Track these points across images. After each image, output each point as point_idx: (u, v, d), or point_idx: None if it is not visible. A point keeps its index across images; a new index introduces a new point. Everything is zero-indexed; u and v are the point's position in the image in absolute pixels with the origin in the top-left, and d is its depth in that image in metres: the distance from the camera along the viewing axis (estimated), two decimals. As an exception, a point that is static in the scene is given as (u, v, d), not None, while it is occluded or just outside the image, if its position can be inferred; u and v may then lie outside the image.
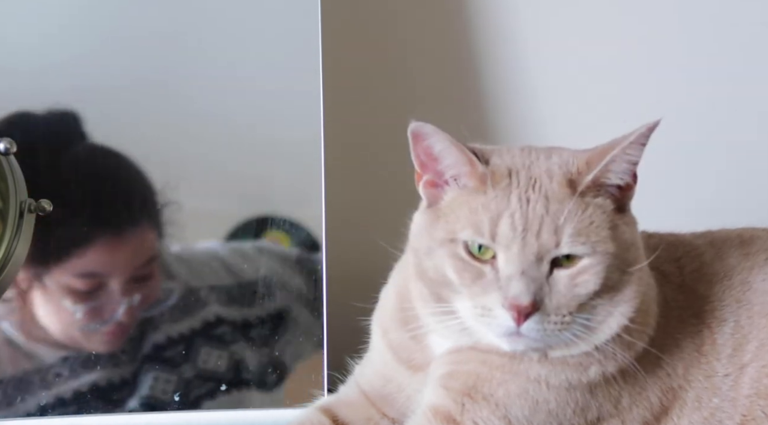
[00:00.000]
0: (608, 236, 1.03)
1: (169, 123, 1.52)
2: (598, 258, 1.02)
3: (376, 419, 1.19)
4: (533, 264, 1.01)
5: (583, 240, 1.02)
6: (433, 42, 1.71)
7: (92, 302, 1.42)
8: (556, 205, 1.02)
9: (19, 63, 1.50)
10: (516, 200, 1.03)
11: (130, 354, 1.42)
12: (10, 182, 1.38)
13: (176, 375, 1.41)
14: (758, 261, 1.17)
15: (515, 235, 1.01)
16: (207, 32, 1.53)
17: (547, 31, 1.72)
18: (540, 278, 1.01)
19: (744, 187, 1.71)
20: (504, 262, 1.02)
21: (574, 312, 1.02)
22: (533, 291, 1.00)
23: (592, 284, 1.02)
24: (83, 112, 1.48)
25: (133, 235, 1.47)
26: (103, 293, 1.43)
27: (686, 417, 1.10)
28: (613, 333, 1.05)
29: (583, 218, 1.03)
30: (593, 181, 1.04)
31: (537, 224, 1.02)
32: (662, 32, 1.72)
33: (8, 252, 1.37)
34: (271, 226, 1.52)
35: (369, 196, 1.69)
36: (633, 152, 1.04)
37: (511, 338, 1.03)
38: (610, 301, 1.04)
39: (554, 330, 1.02)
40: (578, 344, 1.04)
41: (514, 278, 1.01)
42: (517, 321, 1.00)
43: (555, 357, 1.06)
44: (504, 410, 1.06)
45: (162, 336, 1.43)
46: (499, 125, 1.70)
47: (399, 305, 1.15)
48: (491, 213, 1.03)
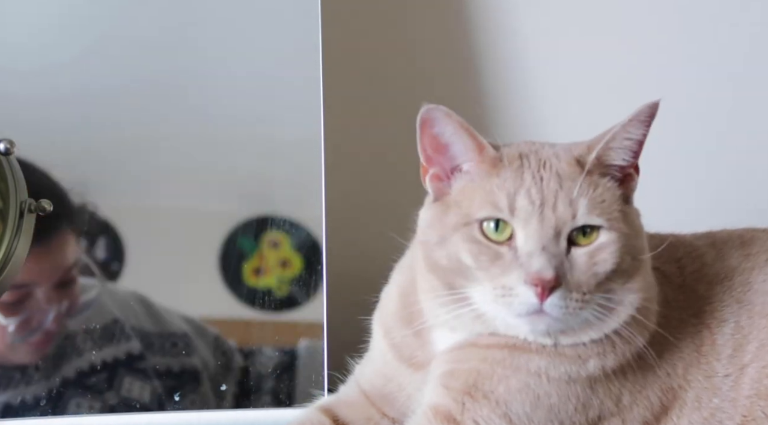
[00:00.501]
0: (620, 216, 1.05)
1: (169, 123, 1.52)
2: (614, 236, 1.04)
3: (377, 419, 1.19)
4: (552, 240, 1.02)
5: (598, 212, 1.04)
6: (434, 42, 1.71)
7: (22, 313, 1.41)
8: (568, 182, 1.04)
9: (17, 63, 1.50)
10: (530, 177, 1.05)
11: (46, 371, 1.41)
12: (10, 182, 1.38)
13: (99, 402, 1.41)
14: (759, 262, 1.17)
15: (534, 209, 1.03)
16: (206, 32, 1.53)
17: (548, 31, 1.72)
18: (560, 254, 1.03)
19: (744, 187, 1.71)
20: (524, 239, 1.03)
21: (593, 291, 1.03)
22: (555, 265, 1.01)
23: (610, 263, 1.04)
24: (83, 110, 1.49)
25: (56, 241, 1.45)
26: (31, 303, 1.41)
27: (686, 417, 1.10)
28: (623, 320, 1.06)
29: (595, 195, 1.05)
30: (598, 159, 1.06)
31: (553, 198, 1.03)
32: (662, 32, 1.72)
33: (8, 252, 1.37)
34: (271, 226, 1.52)
35: (369, 196, 1.69)
36: (633, 129, 1.06)
37: (532, 317, 1.03)
38: (623, 286, 1.05)
39: (575, 308, 1.02)
40: (592, 328, 1.05)
41: (536, 254, 1.02)
42: (541, 296, 1.01)
43: (563, 345, 1.06)
44: (504, 407, 1.06)
45: (85, 362, 1.42)
46: (499, 125, 1.70)
47: (402, 304, 1.16)
48: (507, 191, 1.05)
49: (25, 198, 1.40)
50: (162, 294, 1.50)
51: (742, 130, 1.72)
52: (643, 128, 1.06)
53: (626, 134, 1.06)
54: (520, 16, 1.71)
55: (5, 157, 1.39)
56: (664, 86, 1.69)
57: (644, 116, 1.05)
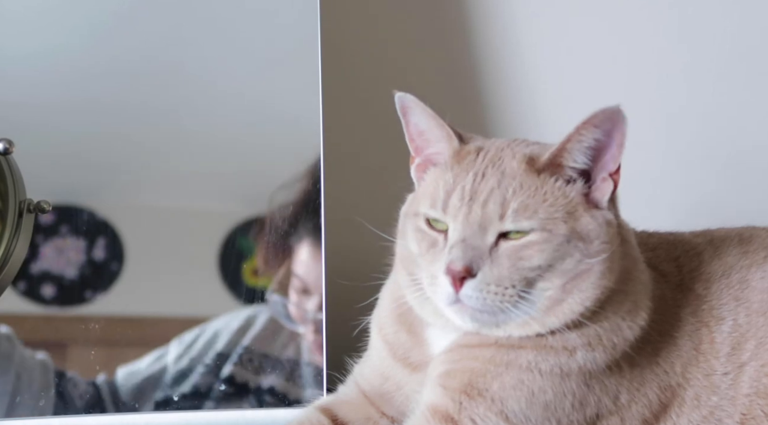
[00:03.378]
0: (561, 218, 1.05)
1: (169, 123, 1.52)
2: (545, 236, 1.04)
3: (375, 418, 1.19)
4: (476, 233, 1.04)
5: (529, 215, 1.04)
6: (433, 42, 1.71)
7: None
8: (509, 180, 1.06)
9: (16, 64, 1.50)
10: (472, 174, 1.07)
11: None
12: (9, 182, 1.39)
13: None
14: (757, 259, 1.17)
15: (461, 204, 1.05)
16: (206, 33, 1.53)
17: (547, 31, 1.72)
18: (482, 247, 1.04)
19: (744, 187, 1.70)
20: (451, 231, 1.06)
21: (517, 286, 1.04)
22: (469, 257, 1.03)
23: (536, 260, 1.04)
24: (83, 110, 1.49)
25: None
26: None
27: (685, 416, 1.10)
28: (567, 319, 1.06)
29: (535, 195, 1.05)
30: (551, 159, 1.06)
31: (485, 195, 1.05)
32: (663, 32, 1.72)
33: (8, 252, 1.37)
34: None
35: (368, 195, 1.68)
36: (586, 133, 1.05)
37: (455, 307, 1.05)
38: (562, 287, 1.05)
39: (495, 301, 1.03)
40: (529, 323, 1.05)
41: (455, 246, 1.04)
42: (454, 285, 1.03)
43: (516, 336, 1.06)
44: (500, 405, 1.06)
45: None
46: (499, 124, 1.70)
47: (394, 301, 1.17)
48: (448, 187, 1.07)
49: (24, 198, 1.40)
50: (161, 294, 1.50)
51: (742, 130, 1.72)
52: (597, 132, 1.05)
53: (579, 136, 1.05)
54: (520, 16, 1.71)
55: (4, 157, 1.39)
56: (664, 86, 1.70)
57: (597, 120, 1.04)
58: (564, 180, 1.07)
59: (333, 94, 1.50)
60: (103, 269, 1.49)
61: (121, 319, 1.49)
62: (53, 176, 1.49)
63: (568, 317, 1.06)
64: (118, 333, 1.48)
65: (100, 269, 1.49)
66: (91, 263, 1.49)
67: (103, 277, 1.49)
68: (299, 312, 1.49)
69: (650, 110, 1.65)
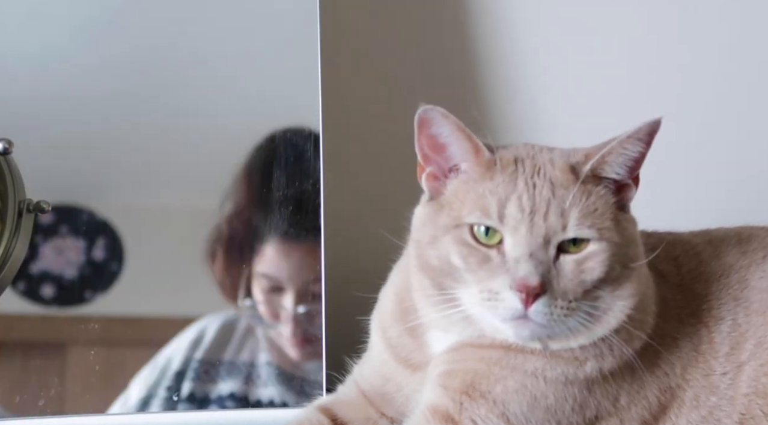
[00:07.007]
0: (612, 225, 1.05)
1: (169, 123, 1.52)
2: (604, 245, 1.04)
3: (375, 418, 1.19)
4: (541, 247, 1.02)
5: (589, 224, 1.03)
6: (433, 42, 1.71)
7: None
8: (561, 190, 1.04)
9: (15, 64, 1.50)
10: (523, 184, 1.04)
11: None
12: (8, 181, 1.39)
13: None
14: (756, 259, 1.16)
15: (523, 216, 1.03)
16: (205, 31, 1.53)
17: (548, 32, 1.72)
18: (547, 261, 1.02)
19: (744, 187, 1.70)
20: (512, 245, 1.03)
21: (579, 299, 1.03)
22: (541, 272, 1.01)
23: (598, 272, 1.03)
24: (82, 110, 1.49)
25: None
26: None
27: (684, 416, 1.10)
28: (611, 328, 1.05)
29: (588, 204, 1.04)
30: (592, 170, 1.05)
31: (544, 207, 1.03)
32: (663, 32, 1.72)
33: (7, 252, 1.37)
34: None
35: (369, 195, 1.69)
36: (630, 147, 1.05)
37: (517, 322, 1.03)
38: (611, 294, 1.05)
39: (560, 316, 1.02)
40: (579, 335, 1.05)
41: (522, 260, 1.02)
42: (525, 302, 1.01)
43: (554, 349, 1.06)
44: (502, 407, 1.06)
45: None
46: (499, 124, 1.70)
47: (398, 304, 1.16)
48: (499, 196, 1.04)
49: (24, 198, 1.40)
50: (161, 294, 1.50)
51: (742, 130, 1.72)
52: (640, 145, 1.05)
53: (623, 150, 1.05)
54: (520, 16, 1.71)
55: (4, 157, 1.39)
56: (664, 86, 1.70)
57: (642, 133, 1.05)
58: (604, 186, 1.07)
59: (332, 94, 1.50)
60: (103, 269, 1.49)
61: (120, 319, 1.49)
62: (53, 176, 1.49)
63: (612, 325, 1.05)
64: (117, 333, 1.48)
65: (100, 270, 1.49)
66: (91, 263, 1.49)
67: (103, 277, 1.49)
68: (271, 311, 1.48)
69: (651, 110, 1.65)
